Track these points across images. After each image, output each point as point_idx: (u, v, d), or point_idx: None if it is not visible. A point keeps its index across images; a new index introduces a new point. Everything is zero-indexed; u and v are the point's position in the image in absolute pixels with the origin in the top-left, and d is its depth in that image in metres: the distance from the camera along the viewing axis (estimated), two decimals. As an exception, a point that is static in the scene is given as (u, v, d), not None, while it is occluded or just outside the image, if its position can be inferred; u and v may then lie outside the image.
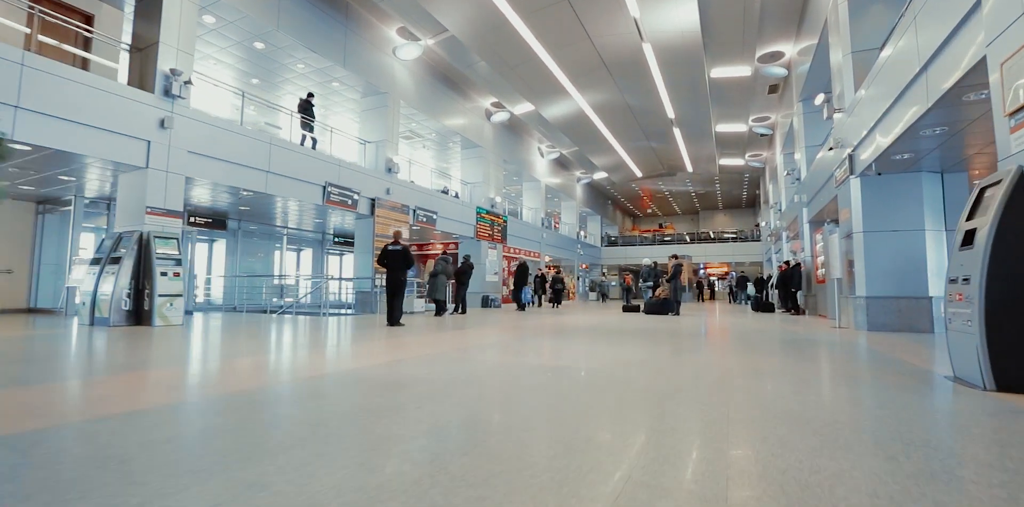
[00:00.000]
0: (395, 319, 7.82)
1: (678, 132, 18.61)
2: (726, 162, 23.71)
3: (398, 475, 1.45)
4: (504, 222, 18.38)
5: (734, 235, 31.90)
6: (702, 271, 32.33)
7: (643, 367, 3.73)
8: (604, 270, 31.69)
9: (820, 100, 8.35)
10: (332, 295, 13.72)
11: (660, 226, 38.91)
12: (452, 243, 17.46)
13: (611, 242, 33.48)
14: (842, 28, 7.74)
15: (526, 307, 13.20)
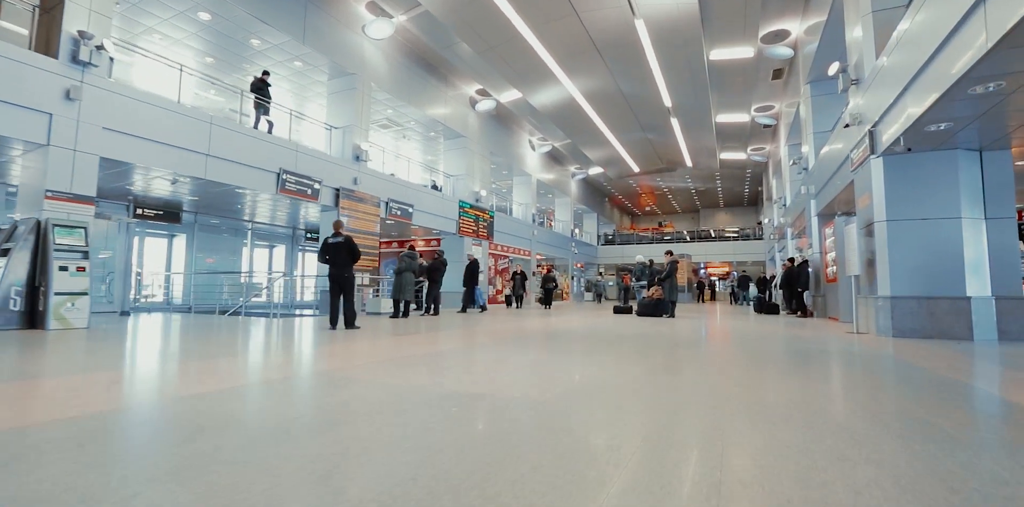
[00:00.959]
0: (349, 322, 6.75)
1: (676, 123, 17.49)
2: (727, 156, 22.59)
3: None
4: (491, 218, 17.29)
5: (736, 234, 30.75)
6: (703, 271, 31.20)
7: (601, 397, 2.64)
8: (601, 270, 30.55)
9: (834, 69, 7.24)
10: (298, 294, 12.65)
11: (659, 225, 37.73)
12: (435, 239, 16.38)
13: (608, 240, 32.36)
14: (861, -16, 6.65)
15: (467, 309, 11.56)
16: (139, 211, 10.80)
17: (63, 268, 6.18)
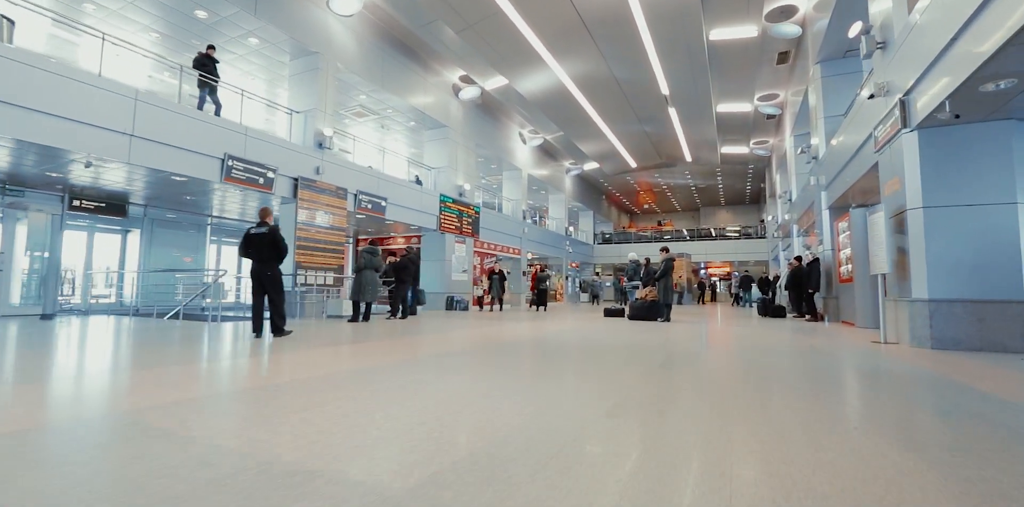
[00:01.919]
0: (276, 328, 5.70)
1: (674, 113, 16.39)
2: (728, 150, 21.48)
3: None
4: (476, 213, 16.19)
5: (737, 232, 29.61)
6: (703, 271, 30.08)
7: (504, 479, 1.55)
8: (597, 269, 29.43)
9: (856, 30, 6.15)
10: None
11: (659, 223, 36.60)
12: (415, 236, 15.30)
13: (605, 239, 31.24)
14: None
15: (397, 313, 9.40)
16: (75, 203, 9.72)
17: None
